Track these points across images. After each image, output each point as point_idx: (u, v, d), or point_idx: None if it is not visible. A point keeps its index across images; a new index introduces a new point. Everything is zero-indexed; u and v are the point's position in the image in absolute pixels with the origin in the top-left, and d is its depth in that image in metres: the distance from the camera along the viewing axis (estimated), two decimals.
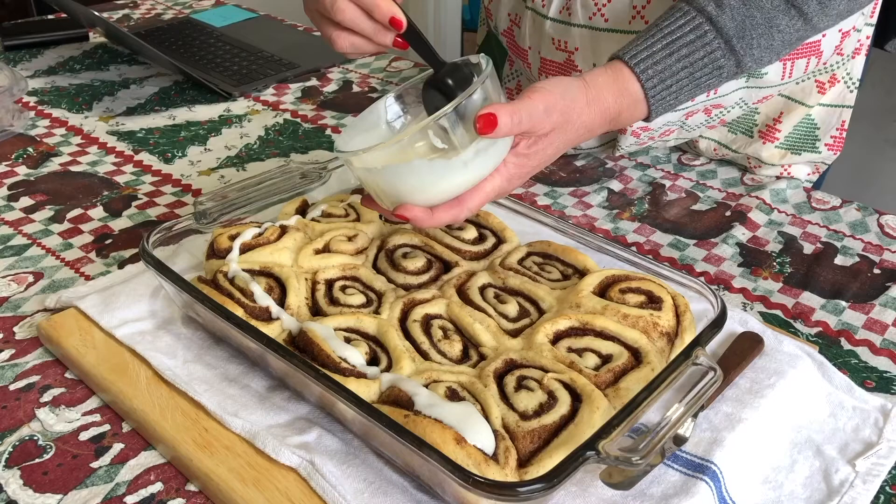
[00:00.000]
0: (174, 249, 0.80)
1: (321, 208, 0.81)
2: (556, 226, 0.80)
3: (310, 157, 1.10)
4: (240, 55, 1.40)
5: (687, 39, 0.71)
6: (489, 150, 0.64)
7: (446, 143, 0.62)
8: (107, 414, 0.68)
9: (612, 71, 0.71)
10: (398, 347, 0.64)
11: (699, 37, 0.71)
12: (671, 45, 0.71)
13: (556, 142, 0.68)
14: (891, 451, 0.65)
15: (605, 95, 0.69)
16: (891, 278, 0.86)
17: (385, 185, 0.65)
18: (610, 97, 0.70)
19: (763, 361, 0.71)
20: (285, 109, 1.24)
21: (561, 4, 0.91)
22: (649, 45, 0.71)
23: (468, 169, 0.63)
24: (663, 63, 0.71)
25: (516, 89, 1.11)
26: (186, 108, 1.24)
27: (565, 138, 0.68)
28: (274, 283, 0.71)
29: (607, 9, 0.88)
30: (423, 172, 0.62)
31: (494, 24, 1.00)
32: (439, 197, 0.64)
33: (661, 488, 0.59)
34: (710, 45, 0.72)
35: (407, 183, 0.63)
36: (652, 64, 0.70)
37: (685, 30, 0.71)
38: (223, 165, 1.08)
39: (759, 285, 0.86)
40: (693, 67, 0.72)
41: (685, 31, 0.71)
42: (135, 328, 0.73)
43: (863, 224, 0.96)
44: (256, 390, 0.67)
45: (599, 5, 0.88)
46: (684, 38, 0.71)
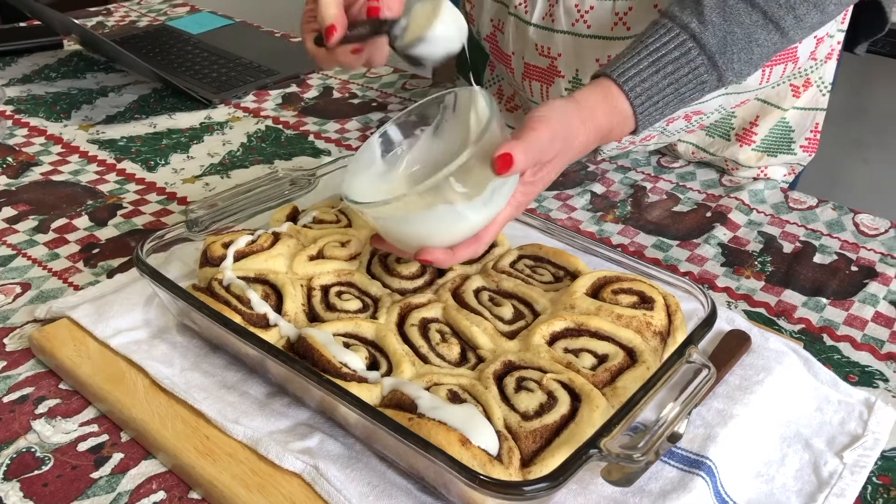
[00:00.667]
0: (165, 258, 0.80)
1: (312, 214, 0.82)
2: (544, 228, 0.81)
3: (294, 164, 1.10)
4: (218, 62, 1.40)
5: (672, 56, 0.73)
6: (503, 186, 0.65)
7: (466, 188, 0.63)
8: (104, 424, 0.68)
9: (602, 89, 0.72)
10: (398, 352, 0.64)
11: (683, 53, 0.73)
12: (657, 62, 0.72)
13: (557, 165, 0.70)
14: (876, 442, 0.67)
15: (597, 114, 0.71)
16: (868, 275, 0.89)
17: (404, 232, 0.65)
18: (601, 115, 0.71)
19: (751, 358, 0.73)
20: (266, 116, 1.24)
21: (544, 11, 0.93)
22: (636, 63, 0.72)
23: (487, 207, 0.64)
24: (650, 80, 0.72)
25: (497, 94, 1.12)
26: (167, 116, 1.23)
27: (565, 159, 0.70)
28: (270, 290, 0.72)
29: (590, 16, 0.90)
30: (444, 217, 0.63)
31: (476, 29, 1.01)
32: (460, 237, 0.65)
33: (660, 484, 0.61)
34: (695, 62, 0.74)
35: (428, 228, 0.64)
36: (640, 81, 0.72)
37: (670, 47, 0.73)
38: (207, 173, 1.08)
39: (741, 284, 0.88)
40: (678, 84, 0.74)
41: (670, 48, 0.73)
42: (130, 337, 0.73)
43: (839, 223, 0.98)
44: (255, 397, 0.68)
45: (582, 12, 0.90)
46: (669, 55, 0.73)
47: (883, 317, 0.83)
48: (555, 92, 0.97)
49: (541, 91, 0.98)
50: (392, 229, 0.66)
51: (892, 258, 0.92)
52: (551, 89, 0.97)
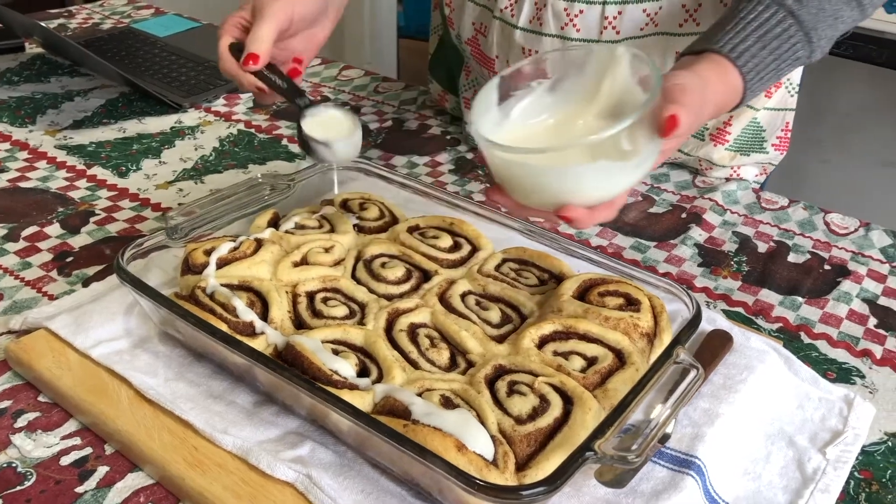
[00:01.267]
0: (144, 265, 0.79)
1: (294, 220, 0.81)
2: (524, 230, 0.81)
3: (269, 169, 1.09)
4: (187, 65, 1.38)
5: (775, 32, 0.73)
6: (654, 151, 0.64)
7: (630, 146, 0.62)
8: (87, 437, 0.67)
9: (715, 64, 0.72)
10: (388, 358, 0.64)
11: (785, 29, 0.74)
12: (763, 37, 0.73)
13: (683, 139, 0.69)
14: (856, 438, 0.68)
15: (718, 88, 0.71)
16: (840, 274, 0.91)
17: (547, 184, 0.62)
18: (720, 89, 0.71)
19: (733, 358, 0.74)
20: (238, 120, 1.23)
21: (531, 14, 0.93)
22: (743, 38, 0.72)
23: (638, 170, 0.63)
24: (759, 56, 0.73)
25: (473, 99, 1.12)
26: (136, 121, 1.21)
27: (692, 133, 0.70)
28: (255, 298, 0.71)
29: (579, 19, 0.90)
30: (599, 173, 0.61)
31: (457, 32, 1.01)
32: (603, 197, 0.64)
33: (651, 484, 0.61)
34: (794, 38, 0.74)
35: (577, 183, 0.61)
36: (750, 57, 0.72)
37: (772, 22, 0.73)
38: (180, 178, 1.06)
39: (719, 284, 0.89)
40: (780, 60, 0.74)
41: (772, 23, 0.73)
42: (111, 347, 0.71)
43: (810, 223, 1.00)
44: (243, 406, 0.67)
45: (571, 15, 0.91)
46: (773, 30, 0.73)
47: (857, 314, 0.85)
48: None
49: None
50: (530, 180, 0.63)
51: (863, 256, 0.94)
52: None
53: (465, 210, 0.85)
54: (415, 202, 0.89)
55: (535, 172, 0.62)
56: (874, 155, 2.00)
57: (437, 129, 1.21)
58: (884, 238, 0.97)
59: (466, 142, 1.16)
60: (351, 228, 0.81)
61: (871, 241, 0.96)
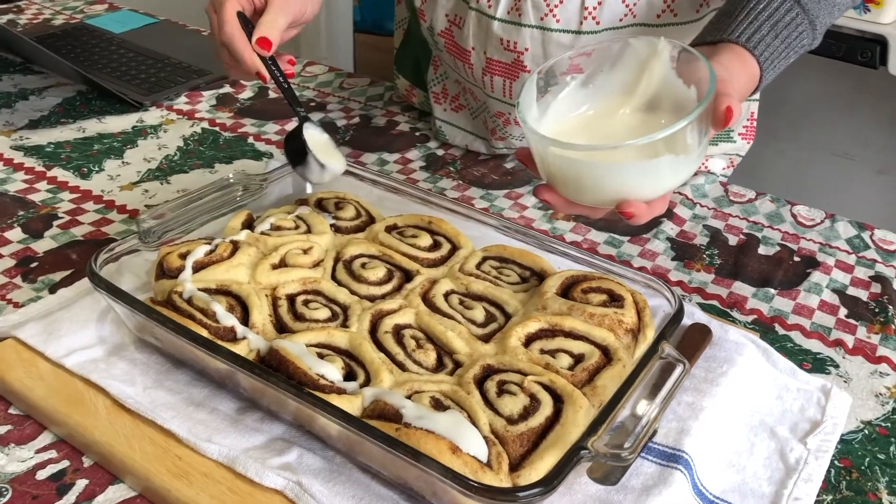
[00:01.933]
0: (116, 269, 0.77)
1: (270, 221, 0.80)
2: (500, 227, 0.81)
3: (237, 168, 1.07)
4: (146, 62, 1.34)
5: (785, 21, 0.74)
6: (707, 141, 0.64)
7: (692, 139, 0.62)
8: (63, 449, 0.65)
9: (736, 54, 0.72)
10: (375, 360, 0.63)
11: (793, 18, 0.74)
12: (775, 27, 0.73)
13: None
14: (835, 427, 0.70)
15: (742, 79, 0.72)
16: (810, 265, 0.93)
17: (607, 181, 0.62)
18: (744, 79, 0.72)
19: (713, 351, 0.75)
20: (202, 118, 1.21)
21: (509, 5, 0.93)
22: (758, 28, 0.73)
23: (697, 161, 0.64)
24: (772, 45, 0.73)
25: (442, 93, 1.12)
26: (96, 120, 1.18)
27: None
28: (234, 302, 0.69)
29: (559, 10, 0.90)
30: (661, 168, 0.61)
31: (428, 24, 1.00)
32: (665, 191, 0.64)
33: (641, 480, 0.62)
34: (801, 26, 0.75)
35: (639, 178, 0.61)
36: (765, 46, 0.73)
37: (781, 11, 0.74)
38: (145, 179, 1.04)
39: (693, 277, 0.90)
40: (790, 48, 0.75)
41: (781, 12, 0.74)
42: (85, 356, 0.69)
43: (778, 215, 1.02)
44: (226, 413, 0.65)
45: (551, 6, 0.90)
46: (783, 19, 0.74)
47: (827, 305, 0.86)
48: (519, 88, 0.97)
49: (503, 87, 0.98)
50: (590, 178, 0.62)
51: (830, 247, 0.96)
52: (515, 85, 0.97)
53: (440, 207, 0.85)
54: (389, 200, 0.88)
55: (596, 170, 0.62)
56: (826, 145, 2.05)
57: (405, 126, 1.20)
58: (849, 229, 0.99)
59: (436, 137, 1.16)
60: (328, 229, 0.80)
61: (838, 233, 0.98)
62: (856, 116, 1.95)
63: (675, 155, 0.61)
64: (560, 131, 0.66)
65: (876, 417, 0.72)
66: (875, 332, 0.82)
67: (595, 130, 0.68)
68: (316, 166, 0.79)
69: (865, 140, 1.98)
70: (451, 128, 1.13)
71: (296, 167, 0.80)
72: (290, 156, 0.80)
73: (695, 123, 0.60)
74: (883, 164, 2.03)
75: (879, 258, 0.94)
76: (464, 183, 1.06)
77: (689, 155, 0.62)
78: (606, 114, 0.69)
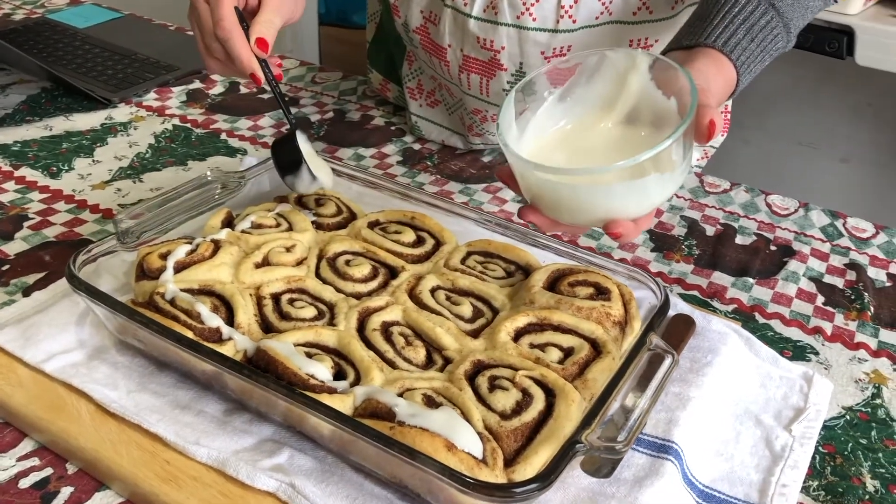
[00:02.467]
0: (93, 271, 0.75)
1: (250, 219, 0.78)
2: (481, 220, 0.81)
3: (210, 165, 1.06)
4: (112, 58, 1.32)
5: (760, 24, 0.74)
6: (691, 154, 0.64)
7: (678, 156, 0.61)
8: (46, 456, 0.63)
9: (712, 59, 0.72)
10: (364, 359, 0.63)
11: (768, 22, 0.75)
12: (750, 30, 0.73)
13: None
14: (818, 413, 0.71)
15: (719, 85, 0.71)
16: (786, 254, 0.94)
17: (593, 202, 0.62)
18: (721, 84, 0.72)
19: (697, 341, 0.75)
20: (172, 115, 1.18)
21: (485, 3, 0.92)
22: (734, 32, 0.73)
23: (682, 176, 0.63)
24: (748, 49, 0.73)
25: (417, 89, 1.11)
26: (63, 118, 1.15)
27: None
28: (218, 302, 0.68)
29: (535, 8, 0.90)
30: (648, 186, 0.61)
31: (403, 20, 0.99)
32: (652, 208, 0.63)
33: (633, 472, 0.62)
34: (776, 29, 0.75)
35: (625, 198, 0.61)
36: (741, 51, 0.73)
37: (756, 15, 0.74)
38: (117, 178, 1.02)
39: (673, 268, 0.91)
40: (765, 51, 0.75)
41: (756, 16, 0.74)
42: (65, 360, 0.68)
43: (753, 205, 1.03)
44: (213, 415, 0.64)
45: (528, 4, 0.90)
46: (758, 23, 0.74)
47: (805, 293, 0.88)
48: (496, 85, 0.97)
49: (480, 84, 0.98)
50: (576, 200, 0.62)
51: (805, 236, 0.97)
52: (492, 83, 0.97)
53: (422, 202, 0.84)
54: (369, 196, 0.88)
55: (582, 192, 0.61)
56: (792, 135, 2.08)
57: (380, 120, 1.20)
58: (822, 218, 1.00)
59: (412, 132, 1.15)
60: (310, 226, 0.79)
61: (812, 221, 1.00)
62: (820, 106, 1.98)
63: (661, 173, 0.61)
64: (540, 147, 0.66)
65: (856, 403, 0.74)
66: (852, 318, 0.84)
67: (575, 145, 0.67)
68: (307, 176, 0.77)
69: (829, 129, 2.01)
70: (427, 123, 1.12)
71: (285, 175, 0.79)
72: (280, 164, 0.79)
73: (679, 139, 0.60)
74: (846, 152, 2.07)
75: (853, 246, 0.96)
76: (442, 177, 1.05)
77: (675, 171, 0.62)
78: (586, 128, 0.68)
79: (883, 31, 1.49)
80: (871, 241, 0.97)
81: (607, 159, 0.63)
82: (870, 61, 1.50)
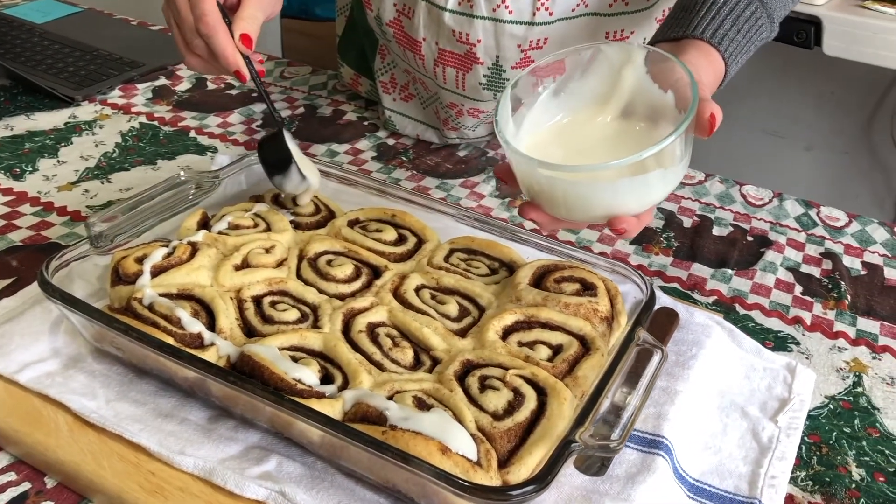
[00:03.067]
0: (66, 275, 0.73)
1: (227, 220, 0.77)
2: (459, 216, 0.80)
3: (181, 163, 1.03)
4: (73, 55, 1.28)
5: (745, 15, 0.73)
6: (691, 150, 0.63)
7: (681, 151, 0.61)
8: (23, 470, 0.61)
9: (702, 51, 0.71)
10: (352, 362, 0.62)
11: (753, 12, 0.74)
12: (736, 22, 0.73)
13: None
14: (802, 404, 0.71)
15: (709, 75, 0.71)
16: (763, 244, 0.94)
17: (598, 198, 0.61)
18: (710, 77, 0.72)
19: (681, 334, 0.75)
20: (138, 112, 1.16)
21: None
22: (721, 23, 0.72)
23: (683, 170, 0.63)
24: (735, 40, 0.73)
25: (390, 82, 1.10)
26: (24, 117, 1.12)
27: None
28: (198, 307, 0.66)
29: (511, 1, 0.89)
30: (652, 181, 0.60)
31: (375, 14, 0.97)
32: (652, 203, 0.63)
33: (625, 468, 0.62)
34: (761, 20, 0.75)
35: (629, 193, 0.60)
36: (729, 42, 0.73)
37: (741, 6, 0.74)
38: (84, 178, 0.99)
39: (653, 261, 0.91)
40: (751, 42, 0.75)
41: (741, 7, 0.74)
42: (40, 370, 0.65)
43: (728, 195, 1.04)
44: (197, 423, 0.63)
45: None
46: (743, 13, 0.73)
47: (783, 283, 0.88)
48: (472, 79, 0.96)
49: (456, 78, 0.97)
50: (580, 197, 0.61)
51: (781, 226, 0.98)
52: (468, 76, 0.96)
53: (399, 198, 0.83)
54: (346, 193, 0.86)
55: (586, 188, 0.61)
56: (758, 124, 2.10)
57: (352, 115, 1.18)
58: (797, 207, 1.01)
59: (385, 127, 1.14)
60: (289, 226, 0.77)
61: (787, 211, 1.01)
62: (785, 95, 2.01)
63: (665, 168, 0.61)
64: (536, 143, 0.65)
65: (839, 392, 0.74)
66: (830, 307, 0.85)
67: (571, 141, 0.67)
68: (297, 176, 0.76)
69: (794, 118, 2.04)
70: (401, 118, 1.11)
71: (273, 176, 0.77)
72: (268, 163, 0.77)
73: (682, 134, 0.60)
74: (809, 140, 2.10)
75: (828, 235, 0.97)
76: (418, 173, 1.04)
77: (677, 166, 0.62)
78: (581, 123, 0.68)
79: (849, 21, 1.51)
80: (845, 230, 0.98)
81: (605, 154, 0.63)
82: (836, 51, 1.52)
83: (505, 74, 0.95)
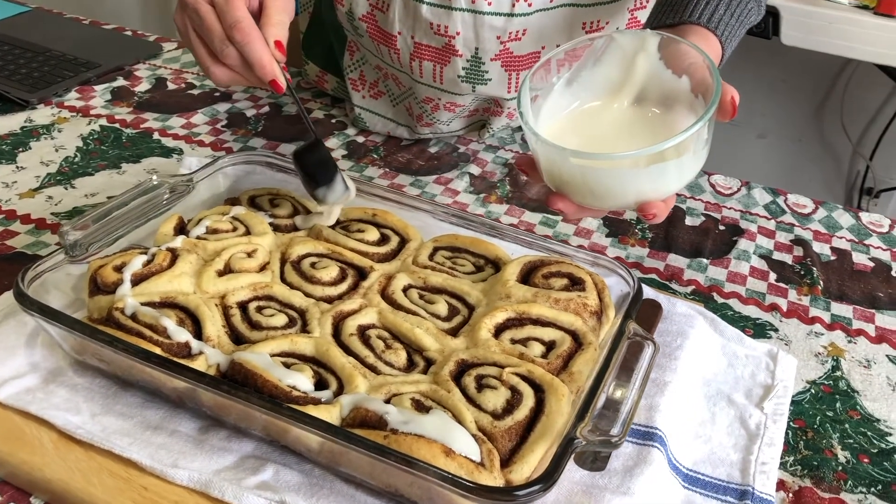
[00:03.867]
0: (40, 285, 0.70)
1: (205, 224, 0.75)
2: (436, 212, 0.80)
3: (147, 167, 1.01)
4: (24, 56, 1.24)
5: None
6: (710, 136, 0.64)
7: (709, 134, 0.61)
8: (7, 491, 0.59)
9: (701, 36, 0.72)
10: (346, 366, 0.61)
11: None
12: (729, 5, 0.74)
13: None
14: (785, 390, 0.72)
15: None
16: (735, 233, 0.96)
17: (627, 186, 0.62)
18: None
19: (665, 325, 0.76)
20: (98, 115, 1.12)
21: None
22: (716, 8, 0.73)
23: (707, 153, 0.64)
24: (730, 24, 0.74)
25: (360, 79, 1.08)
26: None
27: None
28: (183, 315, 0.65)
29: None
30: (684, 166, 0.61)
31: (347, 9, 0.96)
32: (678, 188, 0.64)
33: (622, 461, 0.62)
34: (750, 3, 0.76)
35: (660, 179, 0.61)
36: (724, 26, 0.73)
37: None
38: (46, 185, 0.96)
39: (630, 252, 0.92)
40: (742, 25, 0.76)
41: None
42: (19, 386, 0.63)
43: (697, 185, 1.05)
44: (188, 434, 0.61)
45: None
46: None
47: (758, 271, 0.90)
48: (450, 72, 0.95)
49: (433, 72, 0.96)
50: (611, 185, 0.62)
51: (751, 214, 1.00)
52: (446, 69, 0.95)
53: (376, 197, 0.82)
54: None
55: (616, 175, 0.62)
56: None
57: (320, 113, 1.16)
58: (764, 195, 1.03)
59: (354, 124, 1.12)
60: (269, 228, 0.76)
61: (755, 200, 1.02)
62: (740, 83, 2.04)
63: (692, 152, 0.62)
64: (552, 133, 0.65)
65: (819, 376, 0.76)
66: (804, 293, 0.86)
67: (588, 129, 0.67)
68: (341, 186, 0.74)
69: (747, 106, 2.07)
70: (370, 115, 1.10)
71: (315, 186, 0.75)
72: (310, 175, 0.74)
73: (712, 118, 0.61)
74: (762, 128, 2.14)
75: (796, 222, 0.99)
76: (390, 170, 1.03)
77: (704, 148, 0.63)
78: (596, 111, 0.68)
79: (806, 11, 1.54)
80: (812, 217, 1.00)
81: (623, 142, 0.64)
82: (794, 41, 1.55)
83: (484, 66, 0.94)
